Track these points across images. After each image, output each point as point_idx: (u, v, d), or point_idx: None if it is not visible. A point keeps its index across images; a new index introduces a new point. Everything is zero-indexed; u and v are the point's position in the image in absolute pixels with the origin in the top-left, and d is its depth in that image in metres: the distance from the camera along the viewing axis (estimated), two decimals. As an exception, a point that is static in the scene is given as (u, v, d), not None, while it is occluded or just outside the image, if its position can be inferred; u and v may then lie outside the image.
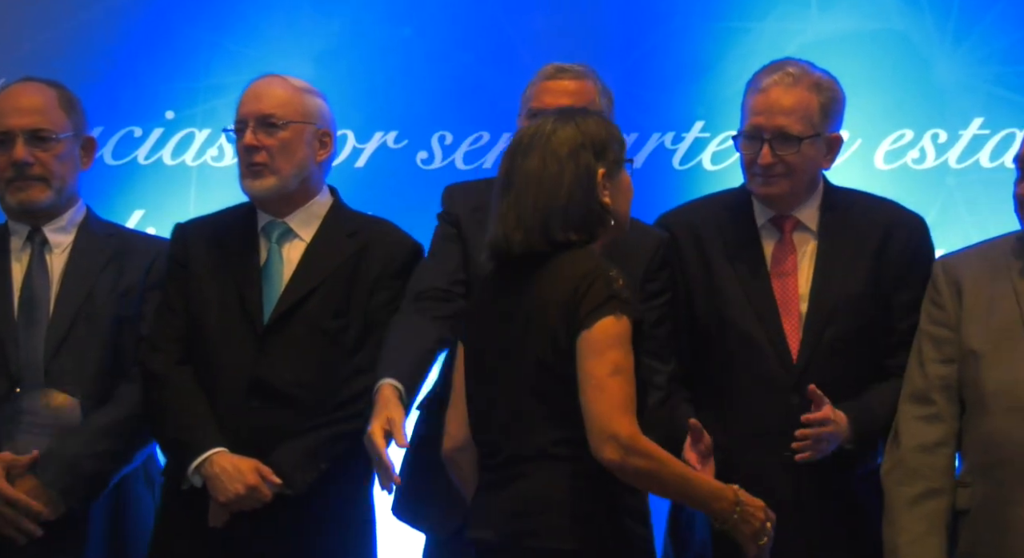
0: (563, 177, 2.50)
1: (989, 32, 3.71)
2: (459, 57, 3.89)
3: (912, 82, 3.70)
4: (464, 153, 3.92)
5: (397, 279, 3.02)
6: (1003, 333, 2.75)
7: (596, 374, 2.42)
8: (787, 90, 2.90)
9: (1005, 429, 2.70)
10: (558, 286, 2.47)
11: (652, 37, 3.83)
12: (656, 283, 2.97)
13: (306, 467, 2.92)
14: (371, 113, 3.95)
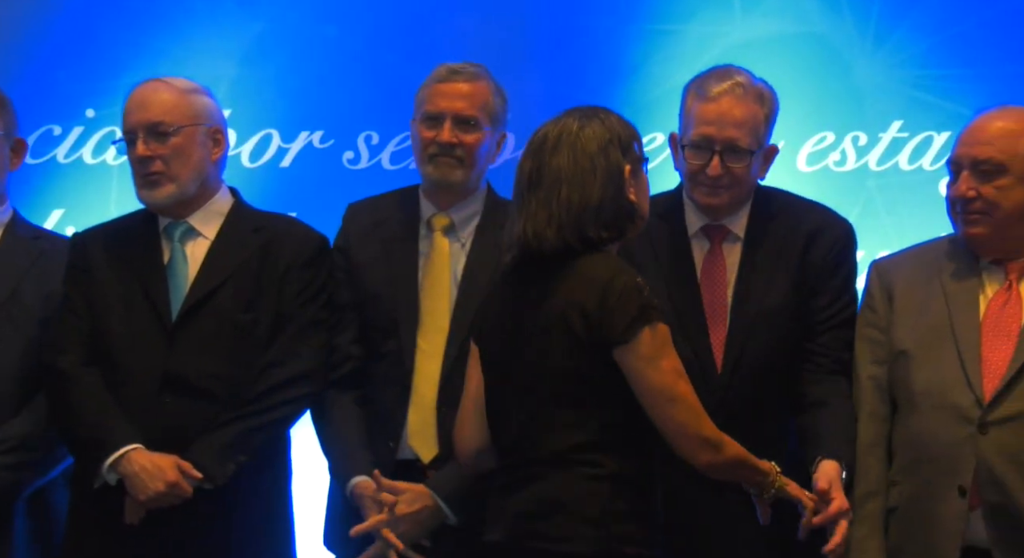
0: (596, 174, 2.52)
1: (908, 36, 3.77)
2: (386, 57, 3.88)
3: (833, 85, 3.75)
4: (391, 153, 3.91)
5: (305, 270, 3.04)
6: (932, 334, 2.80)
7: (663, 385, 2.46)
8: (738, 102, 2.89)
9: (931, 428, 2.75)
10: (580, 291, 2.49)
11: (578, 38, 3.84)
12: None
13: (225, 460, 2.92)
14: (296, 112, 3.93)
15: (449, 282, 3.04)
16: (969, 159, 2.77)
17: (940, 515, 2.73)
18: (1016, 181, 2.75)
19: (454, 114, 3.02)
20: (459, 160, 3.03)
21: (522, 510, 2.50)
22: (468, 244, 3.06)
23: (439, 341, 2.99)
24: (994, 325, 2.78)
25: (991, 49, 3.69)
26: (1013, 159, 2.75)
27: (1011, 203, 2.75)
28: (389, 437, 2.98)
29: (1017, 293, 2.79)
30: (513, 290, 2.59)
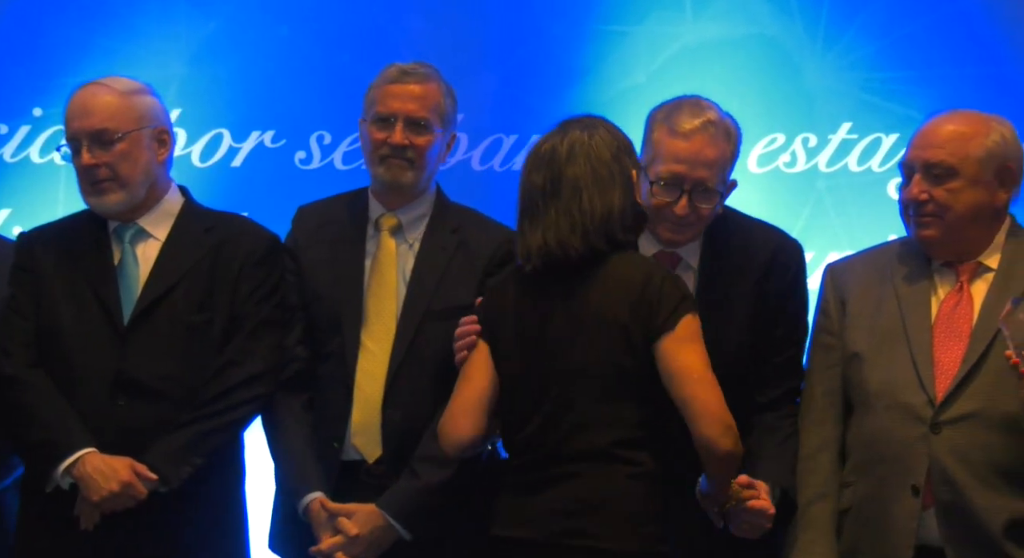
0: (615, 180, 2.61)
1: (857, 39, 3.80)
2: (338, 57, 3.87)
3: (784, 87, 3.78)
4: (343, 153, 3.90)
5: (258, 269, 3.03)
6: (885, 336, 2.82)
7: (697, 368, 2.53)
8: (711, 141, 2.85)
9: (885, 428, 2.77)
10: (620, 289, 2.56)
11: (532, 39, 3.84)
12: (497, 278, 2.97)
13: (180, 462, 2.91)
14: (248, 112, 3.91)
15: (396, 282, 3.03)
16: (921, 162, 2.79)
17: (894, 514, 2.75)
18: (967, 184, 2.77)
19: (406, 116, 3.01)
20: (410, 162, 3.02)
21: (560, 508, 2.54)
22: (416, 245, 3.06)
23: (386, 341, 2.99)
24: (946, 326, 2.80)
25: (938, 52, 3.73)
26: (964, 162, 2.77)
27: (962, 206, 2.77)
28: (333, 437, 2.97)
29: (968, 294, 2.82)
30: (536, 295, 2.63)
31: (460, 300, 2.96)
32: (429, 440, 2.92)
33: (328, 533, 2.90)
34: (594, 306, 2.56)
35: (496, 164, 3.88)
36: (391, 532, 2.91)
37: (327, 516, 2.91)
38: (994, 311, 2.74)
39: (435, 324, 2.97)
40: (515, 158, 3.88)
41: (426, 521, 2.92)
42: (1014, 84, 3.68)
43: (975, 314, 2.78)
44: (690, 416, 2.50)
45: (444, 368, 2.92)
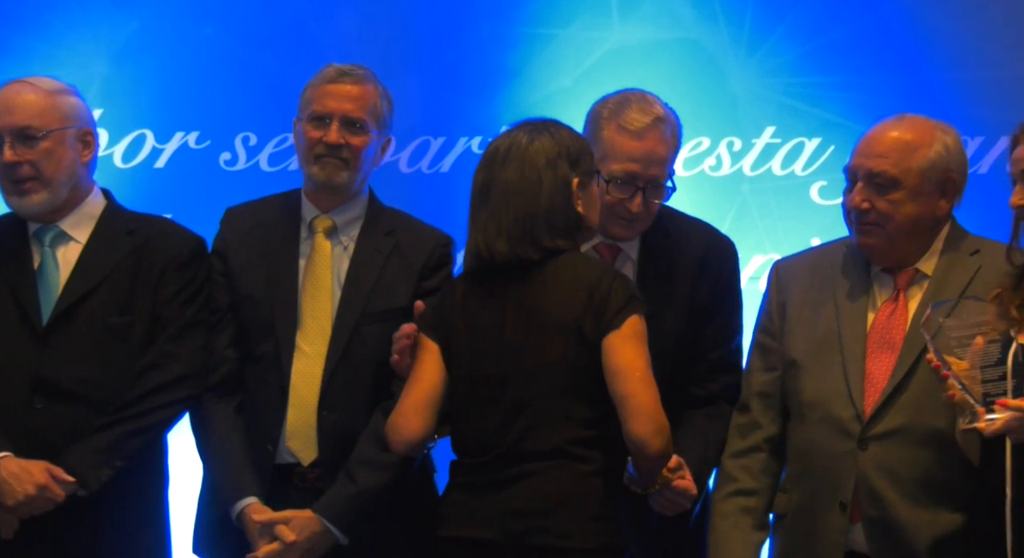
0: (542, 186, 2.59)
1: (780, 44, 3.84)
2: (264, 58, 3.85)
3: (709, 90, 3.81)
4: (269, 154, 3.88)
5: (182, 272, 3.01)
6: (821, 345, 2.84)
7: (638, 366, 2.53)
8: (662, 139, 2.89)
9: (816, 440, 2.80)
10: (572, 288, 2.57)
11: (460, 41, 3.85)
12: (431, 281, 3.01)
13: (100, 465, 2.89)
14: (171, 113, 3.88)
15: (331, 284, 3.02)
16: (864, 171, 2.79)
17: (823, 527, 2.77)
18: (908, 195, 2.78)
19: (342, 115, 3.00)
20: (345, 162, 3.01)
21: (517, 507, 2.54)
22: (351, 247, 3.05)
23: (321, 343, 2.98)
24: (880, 337, 2.82)
25: (860, 58, 3.78)
26: (906, 174, 2.77)
27: (903, 217, 2.78)
28: (267, 440, 2.95)
29: (903, 303, 2.83)
30: (486, 296, 2.63)
31: (396, 303, 2.97)
32: (366, 443, 2.92)
33: (264, 540, 2.89)
34: (548, 307, 2.57)
35: (424, 166, 3.88)
36: (329, 537, 2.90)
37: (263, 523, 2.89)
38: None
39: (371, 326, 2.96)
40: (443, 160, 3.87)
41: (363, 525, 2.91)
42: (933, 90, 3.74)
43: (908, 323, 2.80)
44: (625, 414, 2.52)
45: (380, 370, 2.93)
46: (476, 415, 2.61)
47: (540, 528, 2.52)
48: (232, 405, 3.00)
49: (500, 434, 2.57)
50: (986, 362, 2.56)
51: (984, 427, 2.51)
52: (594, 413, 2.56)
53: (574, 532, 2.51)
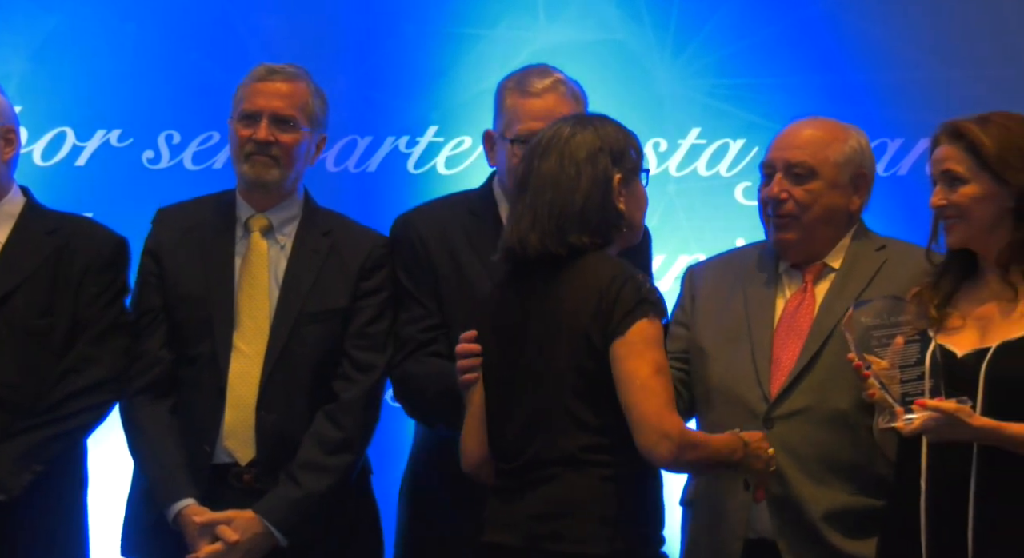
0: (580, 180, 2.52)
1: (705, 46, 3.87)
2: (188, 55, 3.81)
3: (635, 92, 3.83)
4: (193, 153, 3.84)
5: (104, 274, 2.98)
6: (730, 333, 2.89)
7: (641, 374, 2.47)
8: (562, 99, 2.96)
9: (723, 422, 2.82)
10: (584, 291, 2.50)
11: (386, 41, 3.84)
12: (371, 282, 3.01)
13: (20, 470, 2.86)
14: (93, 110, 3.83)
15: (269, 283, 3.00)
16: (782, 162, 2.86)
17: (727, 507, 2.81)
18: (826, 186, 2.85)
19: (271, 112, 2.99)
20: (275, 159, 3.00)
21: (536, 512, 2.51)
22: (288, 246, 3.04)
23: (259, 342, 2.96)
24: (788, 326, 2.88)
25: (783, 61, 3.82)
26: (823, 165, 2.85)
27: (820, 207, 2.85)
28: (203, 441, 2.94)
29: (812, 294, 2.90)
30: (512, 296, 2.60)
31: (334, 303, 2.97)
32: (309, 446, 2.93)
33: (205, 540, 2.87)
34: (563, 309, 2.53)
35: (351, 165, 3.87)
36: (269, 539, 2.90)
37: (204, 523, 2.87)
38: (832, 309, 2.83)
39: (309, 326, 2.96)
40: (369, 159, 3.86)
41: (304, 528, 2.91)
42: (855, 92, 3.80)
43: (816, 313, 2.86)
44: (630, 424, 2.49)
45: (319, 370, 2.94)
46: (504, 418, 2.58)
47: (556, 534, 2.49)
48: (166, 406, 2.97)
49: (523, 439, 2.54)
50: (905, 362, 2.60)
51: (902, 427, 2.55)
52: (610, 419, 2.51)
53: (589, 538, 2.48)
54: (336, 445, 2.95)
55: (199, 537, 2.88)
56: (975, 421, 2.51)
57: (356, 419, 2.98)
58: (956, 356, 2.62)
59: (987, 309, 2.65)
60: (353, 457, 2.98)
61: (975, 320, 2.65)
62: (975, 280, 2.69)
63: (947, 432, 2.53)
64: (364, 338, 2.99)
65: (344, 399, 2.97)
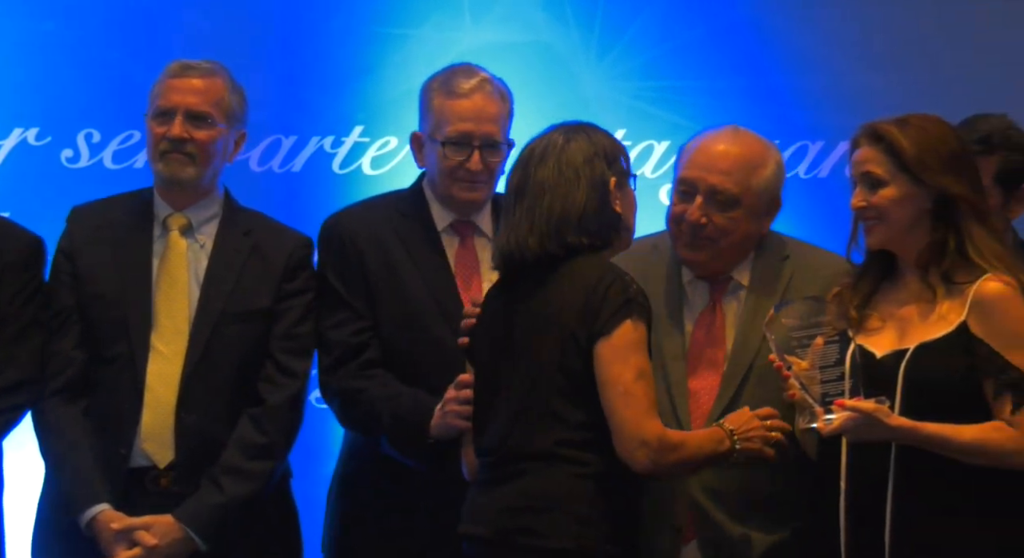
0: (580, 183, 2.57)
1: (629, 49, 3.90)
2: (109, 53, 3.76)
3: (560, 93, 3.84)
4: (113, 152, 3.80)
5: (21, 272, 2.94)
6: None
7: (623, 379, 2.49)
8: (490, 98, 2.97)
9: None
10: (572, 291, 2.54)
11: (312, 40, 3.82)
12: (295, 283, 2.99)
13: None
14: (9, 109, 3.77)
15: (188, 283, 2.97)
16: (706, 186, 2.82)
17: (657, 549, 2.79)
18: (746, 214, 2.83)
19: (186, 109, 2.96)
20: (190, 157, 2.97)
21: (508, 505, 2.55)
22: (208, 245, 3.01)
23: (178, 343, 2.93)
24: (700, 353, 2.86)
25: (707, 63, 3.86)
26: (746, 193, 2.82)
27: (740, 234, 2.83)
28: (119, 444, 2.90)
29: (720, 317, 2.88)
30: (502, 300, 2.63)
31: (257, 304, 2.95)
32: (233, 451, 2.91)
33: (122, 546, 2.84)
34: (551, 308, 2.56)
35: (275, 165, 3.84)
36: (189, 544, 2.88)
37: (118, 530, 2.83)
38: (747, 341, 2.82)
39: (231, 327, 2.94)
40: (294, 159, 3.84)
41: (223, 533, 2.89)
42: (777, 95, 3.84)
43: (728, 341, 2.85)
44: (611, 429, 2.52)
45: (241, 372, 2.92)
46: (490, 415, 2.61)
47: (526, 528, 2.52)
48: (79, 408, 2.93)
49: (503, 434, 2.57)
50: (825, 362, 2.63)
51: (822, 427, 2.57)
52: (589, 416, 2.53)
53: (558, 533, 2.50)
54: (260, 450, 2.93)
55: (115, 543, 2.84)
56: (893, 421, 2.55)
57: (281, 424, 2.96)
58: (875, 356, 2.65)
59: (906, 310, 2.68)
60: (276, 463, 2.96)
61: (894, 321, 2.68)
62: (894, 281, 2.72)
63: (865, 432, 2.56)
64: (290, 340, 2.97)
65: (270, 404, 2.95)
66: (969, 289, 2.62)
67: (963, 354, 2.60)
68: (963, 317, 2.61)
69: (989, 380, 2.58)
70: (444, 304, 2.97)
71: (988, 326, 2.59)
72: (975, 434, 2.56)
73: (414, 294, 2.98)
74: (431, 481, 2.91)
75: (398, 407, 2.88)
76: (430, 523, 2.93)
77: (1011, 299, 2.60)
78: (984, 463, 2.57)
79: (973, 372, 2.59)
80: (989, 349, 2.58)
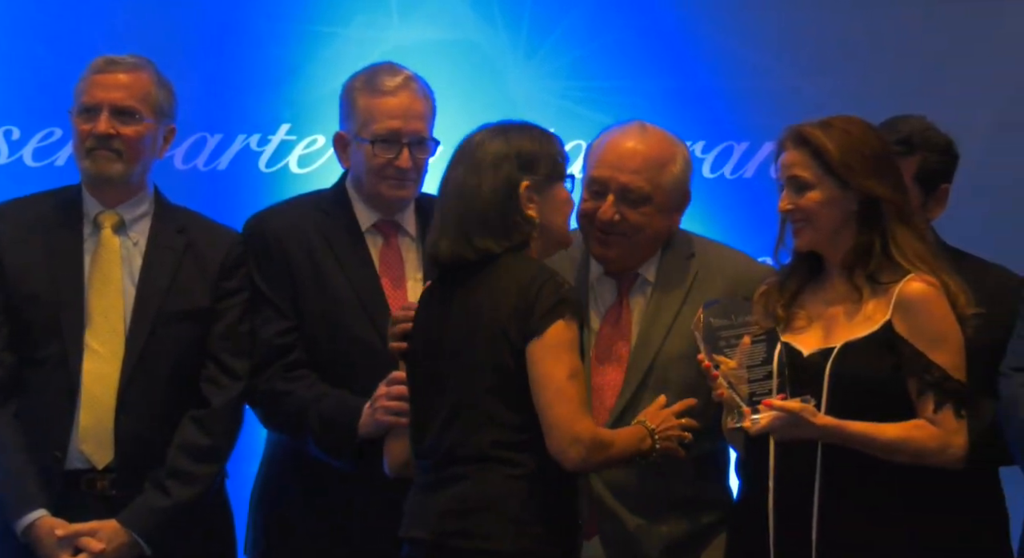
0: (482, 187, 2.56)
1: (557, 48, 3.90)
2: (30, 49, 3.71)
3: (488, 93, 3.83)
4: (33, 149, 3.74)
5: None
6: None
7: (556, 378, 2.49)
8: (415, 95, 2.98)
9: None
10: (505, 291, 2.53)
11: (238, 38, 3.78)
12: (232, 281, 2.97)
13: None
14: (-73, 105, 3.71)
15: (123, 281, 2.94)
16: (617, 185, 2.84)
17: None
18: (657, 210, 2.86)
19: (111, 105, 2.92)
20: (117, 153, 2.93)
21: (446, 508, 2.54)
22: (142, 243, 2.97)
23: (115, 342, 2.90)
24: (605, 348, 2.88)
25: (634, 63, 3.87)
26: (657, 190, 2.85)
27: (652, 230, 2.87)
28: (54, 447, 2.86)
29: (627, 312, 2.90)
30: (437, 301, 2.62)
31: (194, 303, 2.93)
32: (178, 454, 2.88)
33: (66, 553, 2.81)
34: (483, 308, 2.55)
35: (200, 163, 3.80)
36: (135, 548, 2.85)
37: (59, 537, 2.79)
38: (649, 337, 2.85)
39: (169, 326, 2.91)
40: (220, 158, 3.80)
41: (169, 537, 2.87)
42: (702, 95, 3.87)
43: (633, 336, 2.87)
44: (544, 427, 2.52)
45: (179, 371, 2.90)
46: (425, 418, 2.61)
47: (464, 531, 2.52)
48: (9, 411, 2.88)
49: (441, 437, 2.57)
50: (752, 361, 2.65)
51: (749, 426, 2.59)
52: (523, 417, 2.53)
53: (495, 535, 2.51)
54: (206, 453, 2.91)
55: (58, 549, 2.80)
56: (819, 420, 2.58)
57: (226, 426, 2.94)
58: (802, 355, 2.67)
59: (833, 310, 2.71)
60: (221, 465, 2.95)
61: (821, 320, 2.71)
62: (822, 281, 2.75)
63: (792, 431, 2.58)
64: (231, 340, 2.95)
65: (215, 405, 2.93)
66: (893, 289, 2.65)
67: (888, 353, 2.63)
68: (888, 316, 2.65)
69: (913, 379, 2.63)
70: (368, 304, 2.96)
71: (911, 326, 2.63)
72: (897, 432, 2.60)
73: (338, 293, 2.97)
74: (357, 483, 2.89)
75: (325, 408, 2.87)
76: (358, 525, 2.91)
77: (934, 299, 2.65)
78: (906, 461, 2.61)
79: (897, 371, 2.63)
80: (912, 348, 2.62)
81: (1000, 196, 3.80)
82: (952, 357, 2.63)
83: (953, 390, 2.61)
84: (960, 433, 2.62)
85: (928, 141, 2.92)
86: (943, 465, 2.62)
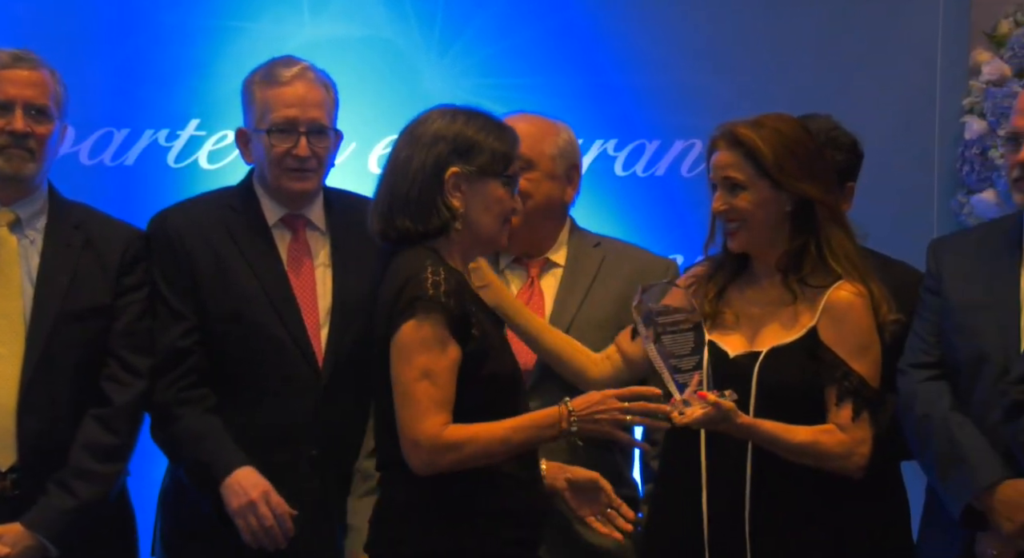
0: (411, 163, 2.48)
1: (469, 46, 3.90)
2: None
3: (400, 90, 3.81)
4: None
5: None
6: None
7: (401, 380, 2.42)
8: (312, 85, 2.96)
9: None
10: (387, 288, 2.46)
11: (147, 31, 3.73)
12: (132, 277, 2.94)
13: None
14: None
15: (22, 281, 2.88)
16: None
17: None
18: (543, 176, 2.94)
19: (25, 102, 2.87)
20: (31, 152, 2.88)
21: (373, 517, 2.53)
22: (39, 241, 2.92)
23: (15, 343, 2.85)
24: None
25: (547, 60, 3.88)
26: (540, 157, 2.93)
27: (541, 196, 2.94)
28: None
29: (539, 290, 2.95)
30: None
31: (96, 301, 2.89)
32: (81, 454, 2.84)
33: None
34: (377, 306, 2.51)
35: (107, 158, 3.74)
36: (41, 551, 2.81)
37: None
38: (565, 305, 2.92)
39: (70, 325, 2.87)
40: (127, 153, 3.74)
41: (74, 537, 2.82)
42: (615, 93, 3.89)
43: (547, 311, 2.92)
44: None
45: (82, 370, 2.86)
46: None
47: (375, 538, 2.50)
48: None
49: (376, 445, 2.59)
50: (683, 351, 2.65)
51: (677, 418, 2.56)
52: None
53: (401, 540, 2.46)
54: (109, 452, 2.87)
55: None
56: (740, 418, 2.59)
57: (128, 424, 2.91)
58: (728, 356, 2.69)
59: (763, 312, 2.73)
60: (125, 463, 2.92)
61: (750, 321, 2.73)
62: (749, 280, 2.77)
63: (716, 426, 2.58)
64: (132, 337, 2.92)
65: (117, 403, 2.89)
66: (823, 295, 2.68)
67: (810, 359, 2.66)
68: (814, 321, 2.68)
69: (831, 386, 2.65)
70: (275, 299, 2.94)
71: (835, 333, 2.66)
72: (806, 436, 2.63)
73: (245, 290, 2.94)
74: None
75: (202, 453, 2.87)
76: None
77: (859, 309, 2.67)
78: (811, 464, 2.64)
79: (818, 377, 2.65)
80: (834, 356, 2.65)
81: (903, 194, 3.87)
82: (870, 367, 2.66)
83: (869, 398, 2.64)
84: (866, 443, 2.65)
85: (834, 140, 2.96)
86: (843, 471, 2.65)
